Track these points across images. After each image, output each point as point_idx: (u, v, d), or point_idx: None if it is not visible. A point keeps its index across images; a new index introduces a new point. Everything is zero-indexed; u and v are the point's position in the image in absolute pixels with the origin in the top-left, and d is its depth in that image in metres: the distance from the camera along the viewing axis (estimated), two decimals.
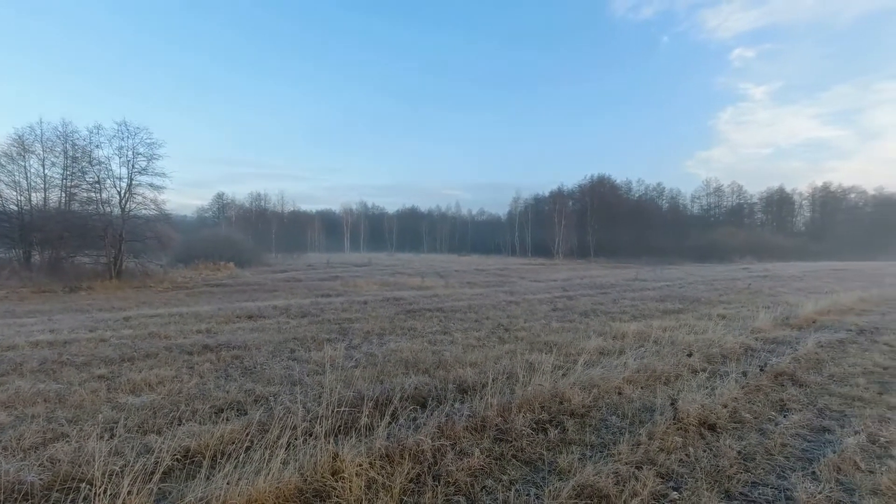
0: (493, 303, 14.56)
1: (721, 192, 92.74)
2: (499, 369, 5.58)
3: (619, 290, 19.40)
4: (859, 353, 7.65)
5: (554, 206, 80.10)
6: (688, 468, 3.76)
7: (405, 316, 11.67)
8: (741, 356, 7.46)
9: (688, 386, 5.57)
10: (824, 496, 3.36)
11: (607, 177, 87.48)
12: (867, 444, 4.21)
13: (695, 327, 9.68)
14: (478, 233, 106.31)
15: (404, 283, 22.09)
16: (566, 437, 4.31)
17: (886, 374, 6.53)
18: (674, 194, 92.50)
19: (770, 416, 4.95)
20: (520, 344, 8.27)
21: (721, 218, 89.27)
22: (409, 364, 6.79)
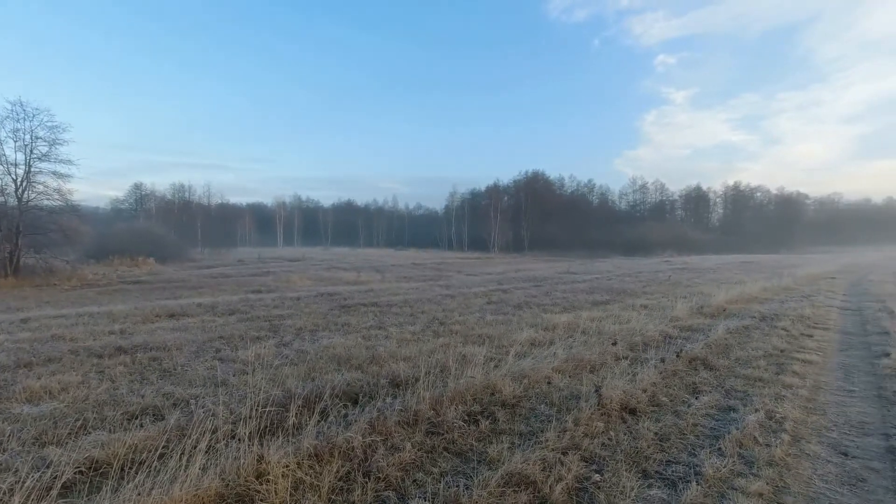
0: (429, 297, 14.59)
1: (646, 189, 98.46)
2: (432, 363, 5.59)
3: (552, 283, 20.08)
4: (761, 338, 8.37)
5: (490, 200, 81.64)
6: (610, 451, 3.95)
7: (339, 311, 11.44)
8: (660, 343, 7.94)
9: (612, 373, 5.85)
10: (727, 469, 3.65)
11: (541, 173, 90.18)
12: (765, 420, 4.62)
13: (620, 317, 10.20)
14: (415, 227, 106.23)
15: (339, 278, 21.66)
16: (497, 428, 4.39)
17: (783, 356, 7.19)
18: (603, 191, 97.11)
19: (684, 399, 5.31)
20: (454, 337, 8.34)
21: (646, 213, 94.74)
22: (342, 360, 6.66)
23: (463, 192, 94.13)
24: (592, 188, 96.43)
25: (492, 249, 74.54)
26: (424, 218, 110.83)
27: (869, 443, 4.27)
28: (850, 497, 3.39)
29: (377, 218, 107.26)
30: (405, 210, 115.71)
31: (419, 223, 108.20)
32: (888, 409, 5.04)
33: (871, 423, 4.70)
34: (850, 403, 5.29)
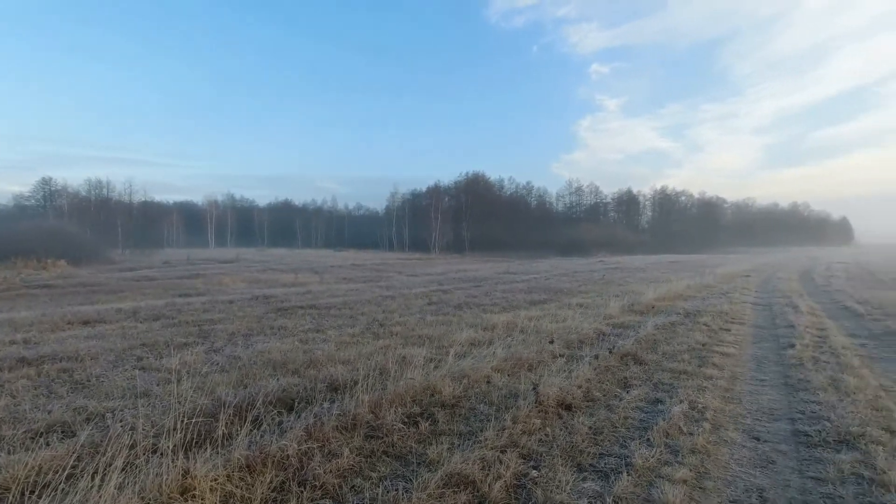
0: (369, 298, 14.40)
1: (581, 191, 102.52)
2: (372, 365, 5.49)
3: (492, 283, 20.41)
4: (685, 333, 8.92)
5: (431, 201, 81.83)
6: (546, 447, 4.04)
7: (275, 314, 11.03)
8: (595, 340, 8.25)
9: (549, 370, 6.01)
10: (655, 459, 3.83)
11: (482, 174, 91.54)
12: (689, 410, 4.91)
13: (557, 316, 10.52)
14: (355, 228, 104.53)
15: (276, 280, 20.91)
16: (437, 429, 4.37)
17: (704, 349, 7.69)
18: (541, 192, 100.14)
19: (616, 393, 5.54)
20: (394, 339, 8.27)
21: (582, 215, 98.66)
22: (278, 365, 6.41)
23: (404, 192, 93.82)
24: (531, 190, 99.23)
25: (433, 250, 74.77)
26: (365, 218, 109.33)
27: (777, 427, 4.64)
28: (761, 478, 3.66)
29: (316, 218, 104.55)
30: (345, 210, 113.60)
31: (359, 224, 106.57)
32: (793, 395, 5.51)
33: (779, 409, 5.11)
34: (762, 392, 5.73)
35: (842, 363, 6.71)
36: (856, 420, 4.57)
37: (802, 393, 5.53)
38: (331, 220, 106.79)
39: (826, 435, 4.32)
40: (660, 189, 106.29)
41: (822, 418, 4.69)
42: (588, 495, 3.32)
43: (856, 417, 4.64)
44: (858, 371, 6.32)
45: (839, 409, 4.89)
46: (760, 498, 3.37)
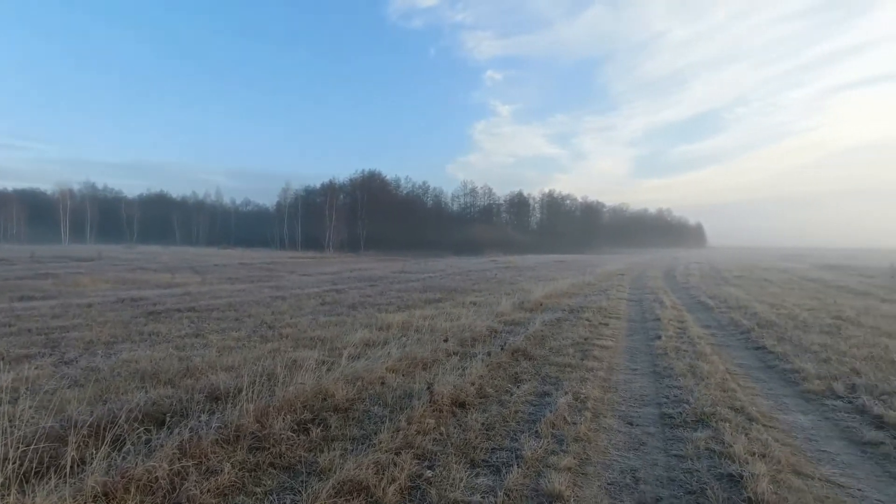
0: (257, 299, 13.53)
1: (475, 193, 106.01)
2: (259, 371, 5.12)
3: (387, 283, 20.27)
4: (570, 328, 9.55)
5: (326, 198, 79.31)
6: (441, 446, 4.05)
7: (146, 319, 9.90)
8: (487, 338, 8.50)
9: (443, 369, 6.06)
10: (543, 450, 4.02)
11: (378, 173, 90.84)
12: (573, 401, 5.23)
13: (452, 314, 10.70)
14: (243, 224, 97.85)
15: (148, 281, 18.83)
16: (329, 435, 4.19)
17: (586, 343, 8.28)
18: (437, 193, 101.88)
19: (507, 388, 5.73)
20: (285, 341, 7.83)
21: (476, 216, 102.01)
22: (148, 376, 5.72)
23: (297, 188, 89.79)
24: (427, 190, 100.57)
25: (327, 249, 72.55)
26: (254, 215, 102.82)
27: (647, 412, 5.12)
28: (634, 459, 3.99)
29: (197, 213, 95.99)
30: (231, 205, 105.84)
31: (248, 220, 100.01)
32: (660, 382, 6.12)
33: (648, 396, 5.65)
34: (635, 380, 6.30)
35: (697, 351, 7.62)
36: (708, 401, 5.18)
37: (667, 379, 6.17)
38: (215, 215, 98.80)
39: (686, 416, 4.84)
40: (548, 192, 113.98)
41: (683, 401, 5.26)
42: (481, 491, 3.37)
43: (708, 399, 5.26)
44: (710, 358, 7.22)
45: (696, 392, 5.52)
46: (634, 478, 3.67)
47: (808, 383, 5.97)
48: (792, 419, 4.95)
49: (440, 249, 73.09)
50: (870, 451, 4.17)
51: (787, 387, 6.06)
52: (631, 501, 3.35)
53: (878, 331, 9.08)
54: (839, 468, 3.86)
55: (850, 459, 4.04)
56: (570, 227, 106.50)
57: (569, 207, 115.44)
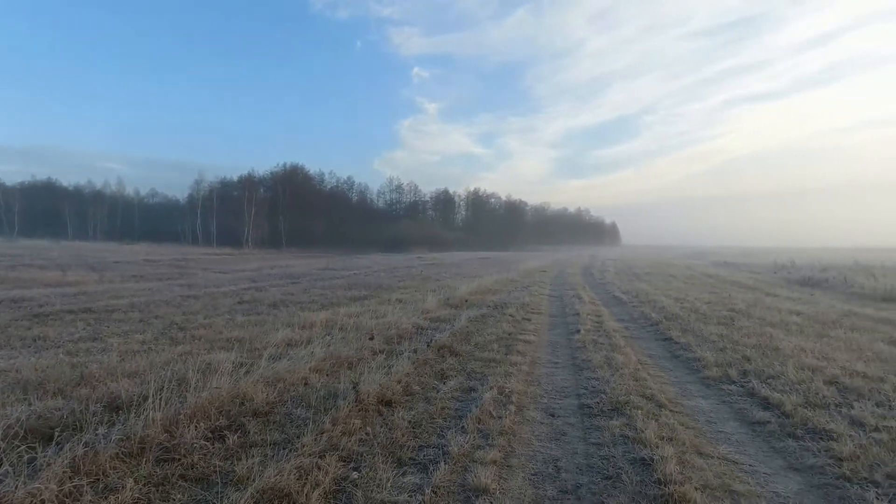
0: (166, 298, 12.55)
1: (402, 189, 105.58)
2: (168, 376, 4.72)
3: (311, 280, 19.65)
4: (494, 324, 9.75)
5: (244, 192, 75.31)
6: (367, 446, 3.96)
7: (30, 322, 8.84)
8: (413, 335, 8.47)
9: (369, 367, 5.94)
10: (469, 445, 4.05)
11: (301, 166, 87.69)
12: (498, 396, 5.33)
13: (377, 312, 10.55)
14: (150, 218, 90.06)
15: (34, 279, 16.83)
16: (248, 441, 3.95)
17: (510, 338, 8.50)
18: (363, 189, 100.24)
19: (434, 385, 5.74)
20: (197, 343, 7.32)
21: (402, 212, 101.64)
22: (32, 386, 5.09)
23: (212, 180, 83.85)
24: (352, 185, 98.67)
25: (246, 245, 69.00)
26: (162, 207, 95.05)
27: (568, 403, 5.34)
28: (556, 449, 4.15)
29: (95, 204, 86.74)
30: (135, 196, 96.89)
31: (155, 213, 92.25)
32: (579, 374, 6.42)
33: (568, 387, 5.90)
34: (556, 373, 6.56)
35: (613, 344, 8.08)
36: (623, 391, 5.50)
37: (586, 371, 6.48)
38: (115, 207, 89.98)
39: (603, 406, 5.11)
40: (473, 191, 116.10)
41: (600, 392, 5.54)
42: (408, 490, 3.33)
43: (623, 388, 5.59)
44: (624, 350, 7.68)
45: (612, 382, 5.84)
46: (556, 467, 3.80)
47: (708, 370, 6.53)
48: (695, 404, 5.38)
49: (366, 246, 72.03)
50: (758, 430, 4.62)
51: (690, 374, 6.59)
52: (553, 490, 3.46)
53: (764, 321, 10.13)
54: (734, 446, 4.25)
55: (743, 438, 4.45)
56: (495, 225, 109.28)
57: (493, 206, 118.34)
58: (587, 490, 3.45)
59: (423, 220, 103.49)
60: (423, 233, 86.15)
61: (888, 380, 5.84)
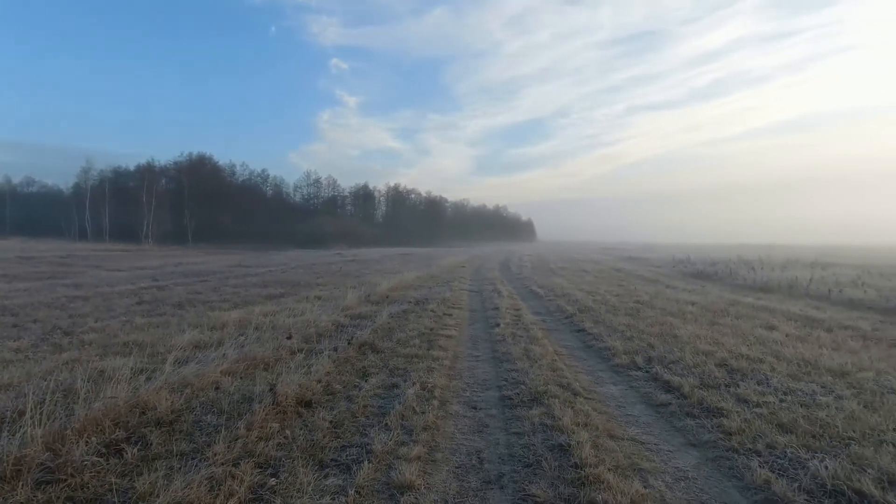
0: (47, 300, 11.19)
1: (320, 183, 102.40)
2: (50, 387, 4.18)
3: (221, 278, 18.49)
4: (416, 320, 9.73)
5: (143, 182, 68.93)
6: (286, 450, 3.78)
7: None
8: (333, 333, 8.23)
9: (287, 368, 5.69)
10: (393, 442, 4.00)
11: (209, 157, 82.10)
12: (421, 391, 5.32)
13: (295, 310, 10.13)
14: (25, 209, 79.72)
15: None
16: (150, 454, 3.61)
17: (432, 334, 8.52)
18: (278, 182, 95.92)
19: (355, 383, 5.60)
20: (88, 349, 6.60)
21: (320, 207, 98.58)
22: None
23: (103, 168, 75.56)
24: (267, 178, 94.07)
25: (145, 240, 63.37)
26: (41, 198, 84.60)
27: (489, 395, 5.45)
28: (478, 441, 4.21)
29: None
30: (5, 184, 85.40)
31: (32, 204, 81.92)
32: (500, 366, 6.57)
33: (489, 380, 6.02)
34: (477, 366, 6.67)
35: (531, 336, 8.37)
36: (541, 381, 5.71)
37: (506, 364, 6.65)
38: None
39: (522, 396, 5.26)
40: (393, 186, 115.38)
41: (520, 383, 5.71)
42: (331, 492, 3.22)
43: (541, 379, 5.80)
44: (541, 342, 7.98)
45: (530, 373, 6.05)
46: (479, 459, 3.86)
47: (618, 358, 6.96)
48: (606, 390, 5.71)
49: (282, 242, 69.00)
50: (662, 412, 5.00)
51: (602, 363, 6.99)
52: (477, 481, 3.51)
53: (665, 311, 11.01)
54: (641, 428, 4.56)
55: (649, 420, 4.80)
56: (415, 221, 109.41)
57: (413, 201, 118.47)
58: (509, 479, 3.53)
59: (343, 215, 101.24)
60: (342, 228, 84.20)
61: (766, 360, 6.56)
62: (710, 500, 3.31)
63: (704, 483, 3.53)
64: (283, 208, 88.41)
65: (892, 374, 5.83)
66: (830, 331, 8.76)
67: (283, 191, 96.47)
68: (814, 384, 5.51)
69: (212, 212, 72.58)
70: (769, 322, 9.56)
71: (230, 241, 66.03)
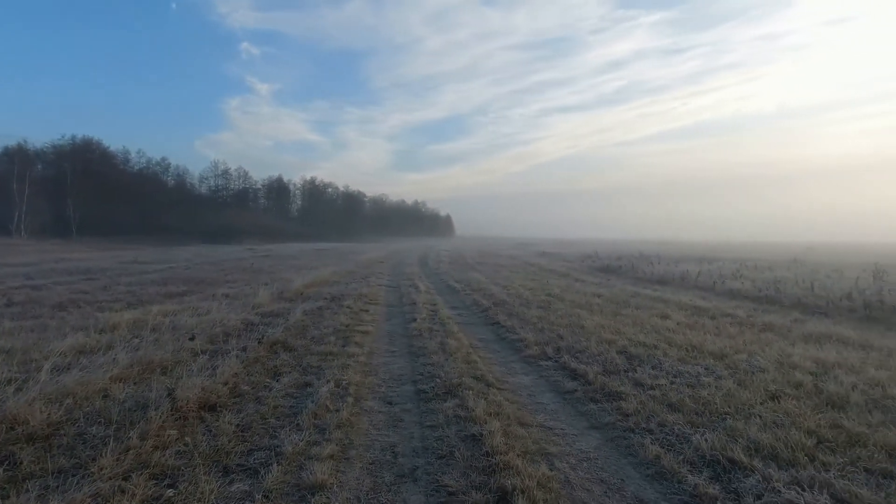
0: None
1: (229, 175, 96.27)
2: None
3: (113, 275, 16.86)
4: (331, 316, 9.49)
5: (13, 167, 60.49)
6: (186, 458, 3.53)
7: None
8: (243, 332, 7.82)
9: (188, 371, 5.31)
10: (305, 442, 3.88)
11: (97, 141, 73.95)
12: (335, 388, 5.20)
13: (199, 309, 9.48)
14: None
15: None
16: (20, 473, 3.20)
17: (348, 330, 8.35)
18: (181, 172, 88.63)
19: (266, 384, 5.36)
20: None
21: (230, 200, 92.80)
22: None
23: None
24: (167, 167, 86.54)
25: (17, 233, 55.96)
26: None
27: (405, 390, 5.45)
28: (393, 436, 4.20)
29: None
30: None
31: None
32: (416, 361, 6.60)
33: (405, 375, 6.03)
34: (393, 361, 6.64)
35: (447, 330, 8.48)
36: (456, 374, 5.81)
37: (422, 358, 6.69)
38: None
39: (437, 389, 5.33)
40: (310, 179, 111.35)
41: (435, 377, 5.77)
42: (236, 498, 3.06)
43: (456, 372, 5.91)
44: (457, 335, 8.11)
45: (445, 367, 6.13)
46: (393, 453, 3.85)
47: (529, 349, 7.26)
48: (518, 380, 5.94)
49: (186, 236, 64.12)
50: (568, 398, 5.29)
51: (514, 354, 7.25)
52: (391, 475, 3.50)
53: (574, 304, 11.65)
54: (549, 415, 4.80)
55: (556, 407, 5.06)
56: (333, 216, 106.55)
57: (331, 195, 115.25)
58: (423, 471, 3.56)
59: (255, 208, 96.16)
60: (254, 222, 79.97)
61: (660, 346, 7.17)
62: (609, 477, 3.56)
63: (604, 462, 3.79)
64: (188, 200, 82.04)
65: (760, 355, 6.60)
66: (714, 318, 9.74)
67: (188, 181, 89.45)
68: (699, 367, 6.10)
69: (102, 202, 65.42)
70: (664, 312, 10.43)
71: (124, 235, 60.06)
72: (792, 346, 7.16)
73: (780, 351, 6.82)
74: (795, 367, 5.97)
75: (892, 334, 8.31)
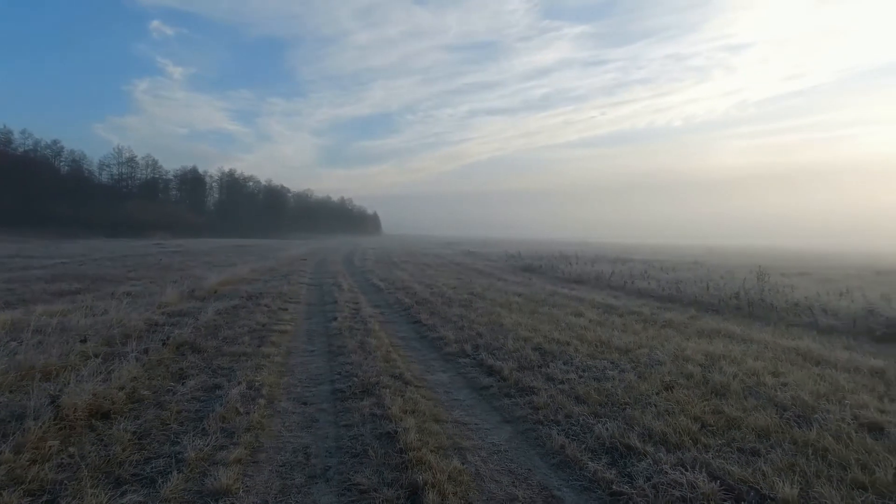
0: None
1: (135, 163, 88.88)
2: None
3: None
4: (247, 316, 9.07)
5: None
6: (71, 471, 3.23)
7: None
8: (145, 333, 7.27)
9: (78, 376, 4.84)
10: (210, 447, 3.69)
11: None
12: (247, 390, 4.98)
13: (95, 308, 8.68)
14: None
15: None
16: None
17: (264, 329, 8.03)
18: (77, 157, 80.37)
19: (169, 388, 5.03)
20: None
21: (135, 191, 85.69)
22: None
23: None
24: (60, 152, 78.14)
25: None
26: None
27: (321, 390, 5.34)
28: (306, 437, 4.11)
29: None
30: None
31: None
32: (334, 360, 6.48)
33: (323, 374, 5.90)
34: (311, 361, 6.48)
35: (368, 329, 8.39)
36: (374, 372, 5.77)
37: (340, 357, 6.58)
38: None
39: (355, 388, 5.26)
40: (228, 172, 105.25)
41: (353, 375, 5.69)
42: None
43: (374, 370, 5.86)
44: (378, 334, 8.06)
45: (364, 366, 6.07)
46: (305, 455, 3.77)
47: (449, 347, 7.37)
48: (436, 378, 6.01)
49: (83, 229, 58.34)
50: (484, 394, 5.43)
51: (434, 352, 7.33)
52: (302, 477, 3.42)
53: (495, 302, 11.96)
54: (465, 410, 4.91)
55: (472, 402, 5.18)
56: (254, 211, 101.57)
57: (252, 189, 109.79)
58: (335, 471, 3.52)
59: (165, 200, 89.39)
60: (164, 216, 74.38)
61: (572, 343, 7.55)
62: (517, 468, 3.71)
63: (514, 454, 3.94)
64: (85, 189, 74.59)
65: (660, 350, 7.15)
66: (622, 316, 10.42)
67: (85, 168, 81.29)
68: (605, 361, 6.50)
69: None
70: (578, 310, 11.00)
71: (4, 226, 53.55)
72: (687, 341, 7.81)
73: (676, 345, 7.42)
74: (688, 359, 6.53)
75: (769, 329, 9.32)
